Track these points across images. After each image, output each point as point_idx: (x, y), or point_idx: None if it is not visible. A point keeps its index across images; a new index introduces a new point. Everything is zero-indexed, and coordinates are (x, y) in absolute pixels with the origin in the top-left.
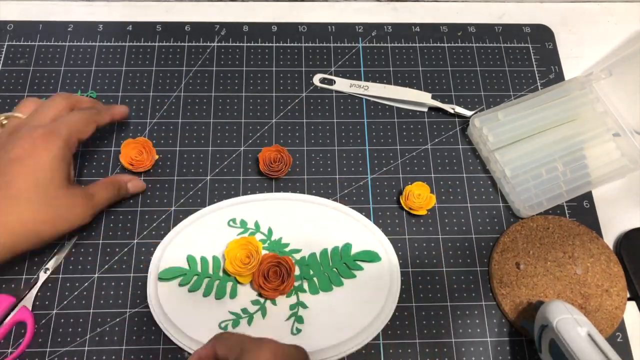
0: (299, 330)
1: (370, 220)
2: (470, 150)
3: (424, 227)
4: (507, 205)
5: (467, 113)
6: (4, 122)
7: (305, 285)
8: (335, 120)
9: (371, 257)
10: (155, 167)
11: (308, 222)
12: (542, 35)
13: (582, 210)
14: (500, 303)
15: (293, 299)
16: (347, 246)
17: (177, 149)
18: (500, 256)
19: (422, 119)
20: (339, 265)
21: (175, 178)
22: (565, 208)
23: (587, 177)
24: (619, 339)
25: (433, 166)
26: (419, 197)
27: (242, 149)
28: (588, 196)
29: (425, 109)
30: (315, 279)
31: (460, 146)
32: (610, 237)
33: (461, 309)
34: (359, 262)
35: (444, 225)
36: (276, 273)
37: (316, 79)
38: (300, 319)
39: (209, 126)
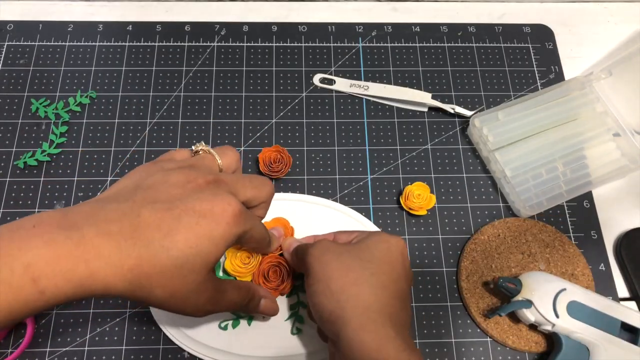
0: (299, 330)
1: (370, 220)
2: (470, 150)
3: (424, 227)
4: (507, 205)
5: (467, 113)
6: (199, 151)
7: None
8: (335, 120)
9: None
10: None
11: (308, 222)
12: (542, 35)
13: (582, 210)
14: (486, 330)
15: (293, 299)
16: None
17: (177, 149)
18: (468, 282)
19: (422, 119)
20: None
21: None
22: (566, 208)
23: (587, 177)
24: None
25: (433, 166)
26: (419, 197)
27: (242, 149)
28: (588, 196)
29: (425, 109)
30: None
31: (460, 146)
32: (610, 237)
33: (461, 309)
34: None
35: (444, 225)
36: (276, 273)
37: (316, 79)
38: (300, 319)
39: (209, 126)
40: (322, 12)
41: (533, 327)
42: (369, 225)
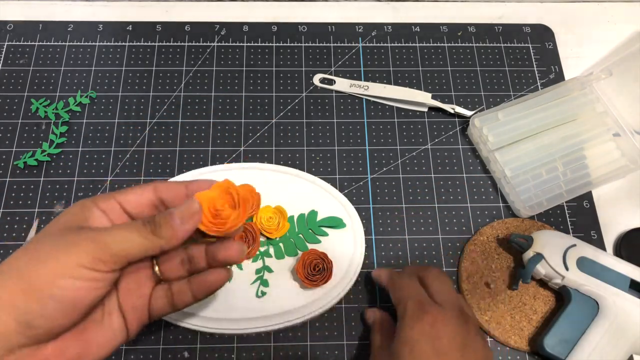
0: (264, 293)
1: (371, 220)
2: (470, 150)
3: (424, 227)
4: (507, 205)
5: (467, 113)
6: None
7: (271, 250)
8: (335, 120)
9: (336, 223)
10: (155, 168)
11: (277, 190)
12: (542, 35)
13: (582, 210)
14: (488, 330)
15: (259, 264)
16: (313, 213)
17: (177, 149)
18: (468, 283)
19: (422, 119)
20: (304, 232)
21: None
22: (565, 208)
23: (587, 177)
24: None
25: (433, 166)
26: (270, 220)
27: (242, 149)
28: (588, 196)
29: (425, 109)
30: (281, 244)
31: (460, 146)
32: (610, 237)
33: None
34: (324, 228)
35: (444, 225)
36: (242, 238)
37: (316, 79)
38: (265, 283)
39: (209, 126)
40: (322, 12)
41: (543, 284)
42: (336, 194)
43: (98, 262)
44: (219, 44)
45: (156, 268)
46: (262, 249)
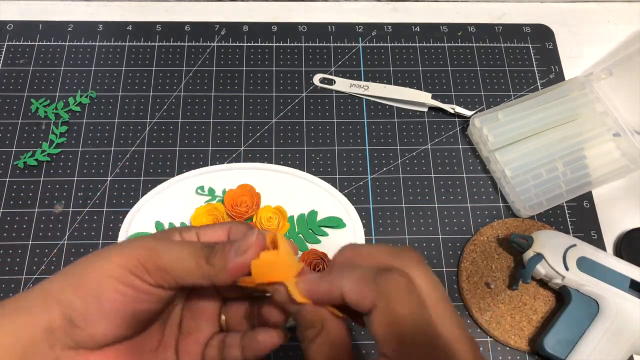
0: None
1: (371, 220)
2: (470, 150)
3: (424, 227)
4: (507, 205)
5: (467, 113)
6: None
7: None
8: (335, 120)
9: (336, 223)
10: (155, 168)
11: (277, 190)
12: (542, 35)
13: (582, 210)
14: (488, 330)
15: None
16: (313, 213)
17: (177, 149)
18: (468, 283)
19: (422, 119)
20: (304, 232)
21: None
22: (565, 208)
23: (587, 177)
24: None
25: (433, 166)
26: (269, 220)
27: (242, 149)
28: (588, 196)
29: (425, 109)
30: None
31: (460, 146)
32: (610, 237)
33: (461, 309)
34: (324, 228)
35: (444, 225)
36: None
37: (316, 79)
38: None
39: (209, 126)
40: (322, 12)
41: (543, 284)
42: (336, 194)
43: (143, 270)
44: (219, 44)
45: (222, 317)
46: None
